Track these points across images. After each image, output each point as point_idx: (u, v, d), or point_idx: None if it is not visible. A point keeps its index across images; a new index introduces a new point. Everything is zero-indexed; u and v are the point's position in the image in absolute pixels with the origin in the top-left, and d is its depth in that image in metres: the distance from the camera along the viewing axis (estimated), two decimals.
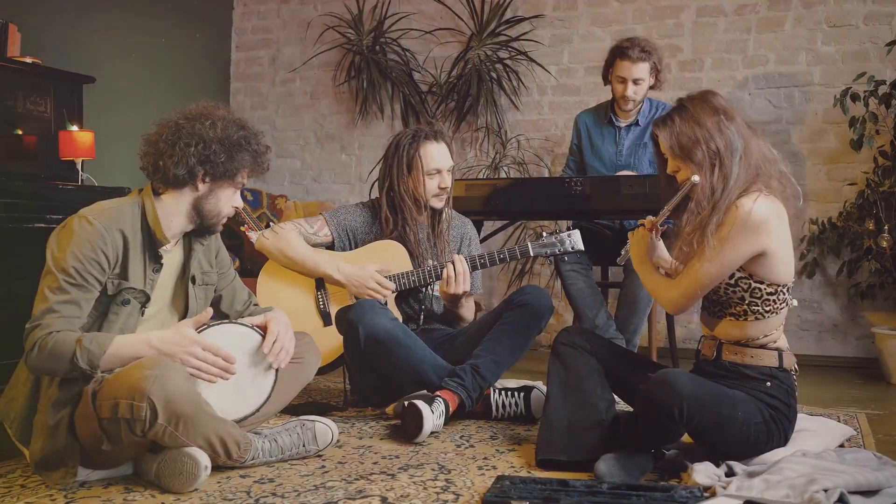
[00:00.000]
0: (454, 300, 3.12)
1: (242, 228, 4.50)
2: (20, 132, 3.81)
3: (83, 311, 2.14)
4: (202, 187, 2.30)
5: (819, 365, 4.36)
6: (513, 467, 2.37)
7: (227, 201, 2.36)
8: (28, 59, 3.84)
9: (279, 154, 5.69)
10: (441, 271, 3.06)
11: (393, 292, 3.11)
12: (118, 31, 4.81)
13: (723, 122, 2.26)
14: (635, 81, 3.75)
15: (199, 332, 2.22)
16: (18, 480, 2.22)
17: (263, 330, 2.36)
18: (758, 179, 2.27)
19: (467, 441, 2.66)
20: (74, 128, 3.87)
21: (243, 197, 5.11)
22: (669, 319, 4.16)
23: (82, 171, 3.91)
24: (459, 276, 3.02)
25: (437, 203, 3.17)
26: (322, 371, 3.18)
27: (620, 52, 3.77)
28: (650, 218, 2.48)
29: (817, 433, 2.46)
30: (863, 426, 2.89)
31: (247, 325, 2.34)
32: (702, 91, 2.38)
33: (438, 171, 3.15)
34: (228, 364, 2.17)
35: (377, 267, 3.10)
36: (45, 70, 3.90)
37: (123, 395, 2.00)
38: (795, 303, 2.40)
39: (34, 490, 2.14)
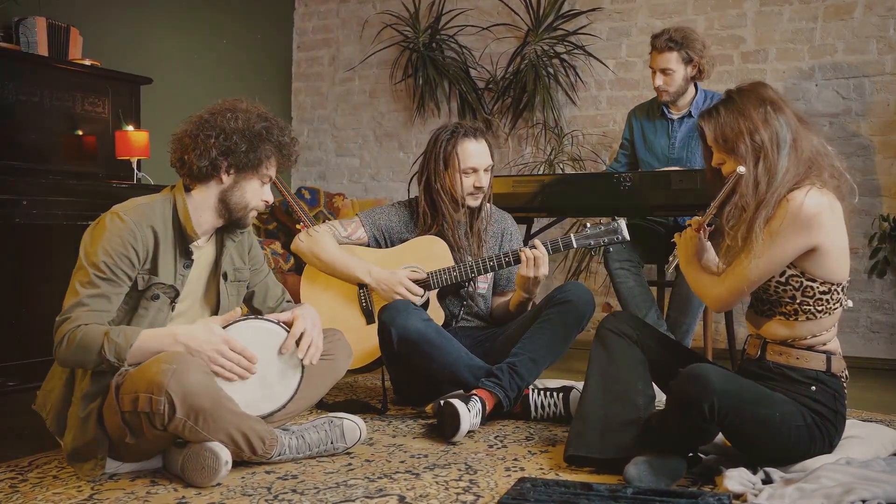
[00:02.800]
0: (532, 286, 3.02)
1: (299, 227, 4.54)
2: (80, 132, 3.91)
3: (112, 305, 2.18)
4: (226, 179, 2.32)
5: (890, 369, 4.14)
6: (541, 469, 2.31)
7: (255, 194, 2.37)
8: (87, 62, 3.94)
9: (338, 153, 5.73)
10: (483, 265, 3.02)
11: (423, 295, 3.08)
12: (179, 33, 4.91)
13: (769, 113, 2.17)
14: (664, 72, 3.67)
15: (225, 328, 2.23)
16: (52, 472, 2.27)
17: (289, 326, 2.36)
18: (810, 173, 2.16)
19: (501, 441, 2.61)
20: (130, 128, 3.95)
21: (301, 196, 5.21)
22: (729, 320, 4.01)
23: (138, 170, 4.00)
24: (539, 259, 2.92)
25: (473, 202, 3.12)
26: (367, 369, 3.18)
27: (651, 41, 3.74)
28: (696, 218, 2.39)
29: (866, 440, 2.32)
30: None
31: (273, 322, 2.34)
32: (751, 82, 2.29)
33: (474, 170, 3.09)
34: (250, 364, 2.20)
35: (408, 273, 3.07)
36: (102, 72, 4.00)
37: (143, 388, 2.02)
38: (850, 303, 2.28)
39: (64, 481, 2.18)
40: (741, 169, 2.14)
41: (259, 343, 2.30)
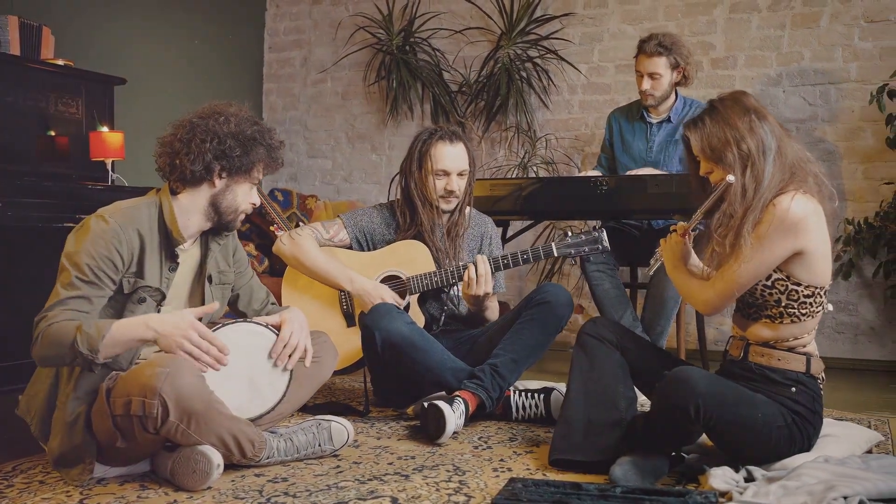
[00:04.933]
0: (477, 301, 3.09)
1: (272, 228, 4.54)
2: (53, 133, 3.87)
3: (93, 307, 2.15)
4: (219, 183, 2.32)
5: (854, 368, 4.26)
6: (528, 469, 2.34)
7: (245, 197, 2.38)
8: (60, 62, 3.90)
9: (310, 154, 5.72)
10: (463, 272, 3.04)
11: (405, 300, 3.09)
12: (152, 33, 4.87)
13: (754, 121, 2.22)
14: (651, 76, 3.73)
15: (213, 331, 2.23)
16: (38, 477, 2.25)
17: (278, 329, 2.37)
18: (793, 179, 2.22)
19: (485, 442, 2.65)
20: (105, 129, 3.92)
21: (274, 197, 5.20)
22: (700, 321, 4.10)
23: (112, 171, 3.96)
24: (481, 278, 2.98)
25: (445, 205, 3.13)
26: (346, 371, 3.19)
27: (639, 45, 3.80)
28: (682, 224, 2.44)
29: (841, 438, 2.39)
30: (893, 432, 2.81)
31: (262, 324, 2.35)
32: (733, 91, 2.35)
33: (446, 173, 3.10)
34: (221, 354, 2.13)
35: (390, 292, 3.08)
36: (76, 72, 3.95)
37: (136, 392, 2.02)
38: (831, 307, 2.34)
39: (52, 486, 2.17)
40: (731, 178, 2.19)
41: (247, 346, 2.30)
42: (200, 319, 2.19)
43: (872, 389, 3.73)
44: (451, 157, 3.09)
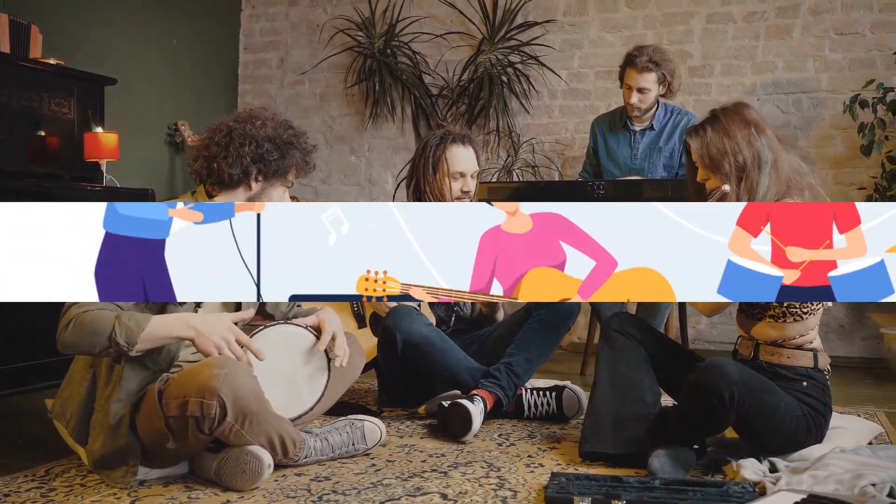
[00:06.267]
0: (490, 303, 3.16)
1: None
2: (43, 133, 3.81)
3: (126, 301, 2.15)
4: (255, 186, 2.35)
5: None
6: (559, 464, 2.43)
7: (279, 200, 2.41)
8: (52, 61, 3.84)
9: None
10: None
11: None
12: (134, 32, 4.81)
13: (753, 135, 2.34)
14: (640, 90, 3.84)
15: (256, 332, 2.27)
16: (76, 480, 2.25)
17: (316, 330, 2.40)
18: (789, 192, 2.34)
19: (507, 439, 2.72)
20: (99, 129, 3.88)
21: None
22: (683, 321, 4.24)
23: (105, 172, 3.92)
24: None
25: None
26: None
27: (629, 59, 3.88)
28: None
29: (850, 431, 2.54)
30: (885, 424, 2.97)
31: (301, 326, 2.38)
32: (735, 103, 2.45)
33: (462, 175, 3.20)
34: (255, 360, 2.17)
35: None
36: (68, 71, 3.90)
37: (193, 393, 2.03)
38: (830, 303, 2.48)
39: (95, 489, 2.17)
40: (726, 187, 2.31)
41: (288, 347, 2.34)
42: (236, 324, 2.22)
43: (850, 385, 3.91)
44: (465, 159, 3.19)
